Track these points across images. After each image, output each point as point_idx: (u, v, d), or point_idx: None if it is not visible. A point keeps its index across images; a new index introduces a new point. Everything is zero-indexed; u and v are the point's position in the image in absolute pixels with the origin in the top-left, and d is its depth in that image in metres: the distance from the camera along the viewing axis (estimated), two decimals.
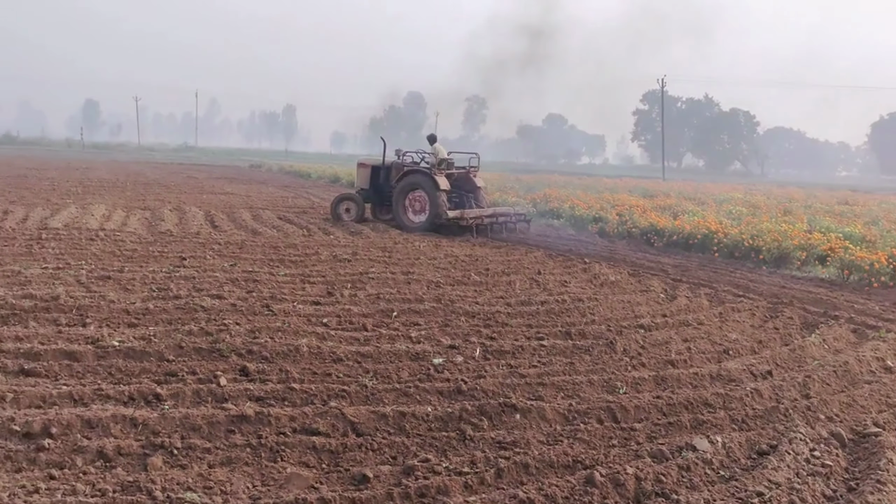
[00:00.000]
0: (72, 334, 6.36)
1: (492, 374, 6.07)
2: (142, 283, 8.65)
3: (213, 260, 10.60)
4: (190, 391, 5.17)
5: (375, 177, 17.58)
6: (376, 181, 17.56)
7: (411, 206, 16.34)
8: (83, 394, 5.01)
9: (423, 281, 9.81)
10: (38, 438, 4.27)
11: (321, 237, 14.00)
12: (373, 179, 17.59)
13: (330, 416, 4.85)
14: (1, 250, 10.32)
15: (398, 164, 17.23)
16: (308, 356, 6.16)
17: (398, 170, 17.07)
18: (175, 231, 13.57)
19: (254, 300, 7.98)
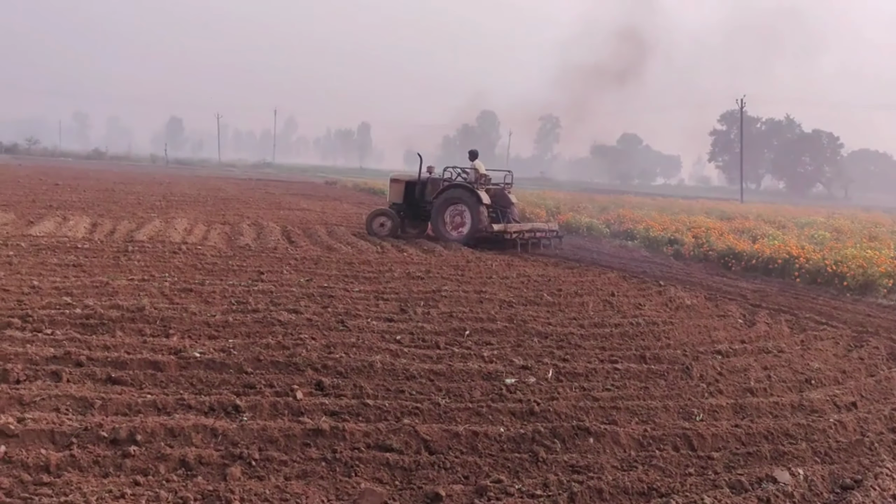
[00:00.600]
0: (156, 345, 6.58)
1: (564, 397, 6.01)
2: (221, 296, 8.89)
3: (290, 275, 10.82)
4: (267, 404, 5.28)
5: (410, 192, 17.99)
6: (411, 196, 17.96)
7: (451, 220, 16.82)
8: (166, 403, 5.18)
9: (495, 300, 9.80)
10: (124, 445, 4.43)
11: (395, 254, 14.14)
12: (407, 194, 17.97)
13: (403, 433, 4.88)
14: (90, 262, 10.76)
15: (434, 180, 17.83)
16: (382, 372, 6.22)
17: (434, 185, 17.61)
18: (253, 246, 13.92)
19: (329, 315, 8.12)
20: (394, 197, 18.19)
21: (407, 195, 17.97)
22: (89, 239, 13.33)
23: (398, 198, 18.04)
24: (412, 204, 17.98)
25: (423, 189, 17.85)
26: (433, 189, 17.55)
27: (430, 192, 17.59)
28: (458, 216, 16.72)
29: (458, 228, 16.70)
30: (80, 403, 5.06)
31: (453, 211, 16.78)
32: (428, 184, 17.84)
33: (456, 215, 16.76)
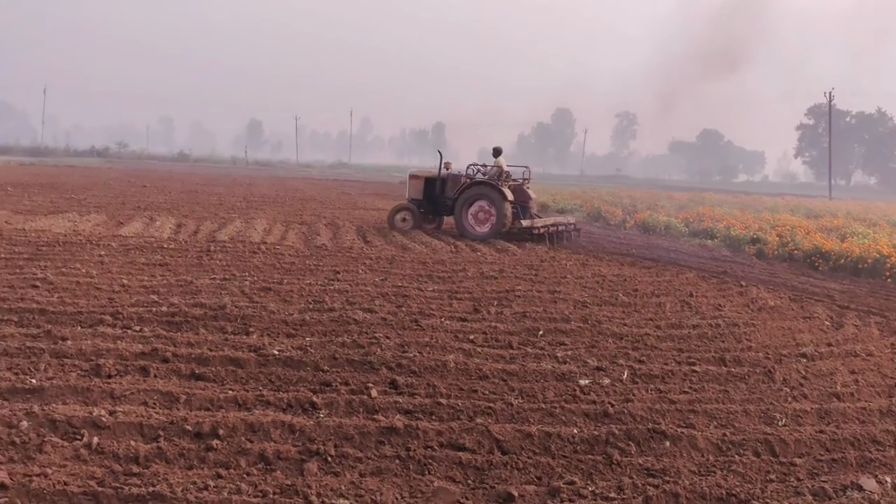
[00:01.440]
0: (236, 342, 6.79)
1: (640, 399, 5.92)
2: (299, 295, 9.10)
3: (365, 274, 10.99)
4: (343, 401, 5.38)
5: (430, 188, 18.29)
6: (431, 192, 18.26)
7: (475, 216, 17.10)
8: (246, 399, 5.34)
9: (569, 300, 9.73)
10: (207, 439, 4.59)
11: (468, 254, 14.19)
12: (427, 190, 18.28)
13: (476, 432, 4.91)
14: (175, 261, 11.17)
15: (454, 176, 18.17)
16: (455, 372, 6.26)
17: (455, 181, 17.97)
18: (329, 245, 14.18)
19: (403, 315, 8.21)
20: (413, 193, 18.56)
21: (426, 191, 18.30)
22: (174, 239, 13.82)
23: (417, 193, 18.42)
24: (432, 199, 18.34)
25: (443, 185, 18.19)
26: (453, 185, 17.92)
27: (451, 188, 17.96)
28: (482, 212, 17.04)
29: (483, 224, 17.00)
30: (167, 398, 5.27)
31: (477, 207, 17.09)
32: (448, 180, 18.18)
33: (480, 211, 17.07)
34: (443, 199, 18.15)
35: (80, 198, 22.87)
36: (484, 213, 17.02)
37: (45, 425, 4.58)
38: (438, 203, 18.34)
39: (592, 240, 18.62)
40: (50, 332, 6.67)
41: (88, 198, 23.08)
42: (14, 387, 5.22)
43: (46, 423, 4.61)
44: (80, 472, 4.07)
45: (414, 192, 18.52)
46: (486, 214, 16.99)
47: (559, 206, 30.28)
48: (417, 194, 18.42)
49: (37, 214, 16.91)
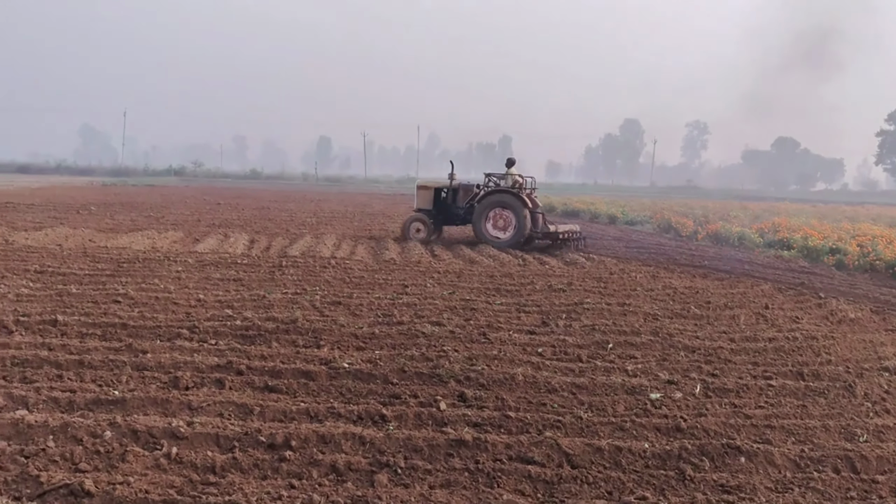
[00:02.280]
0: (308, 355, 6.91)
1: (713, 413, 5.79)
2: (368, 308, 9.22)
3: (433, 288, 11.05)
4: (412, 414, 5.43)
5: (440, 198, 18.73)
6: (443, 202, 18.71)
7: (494, 224, 17.60)
8: (318, 411, 5.44)
9: (639, 313, 9.58)
10: (280, 450, 4.70)
11: (536, 266, 14.13)
12: (437, 200, 18.68)
13: (545, 445, 4.88)
14: (249, 276, 11.45)
15: (466, 186, 18.70)
16: (523, 385, 6.24)
17: (466, 191, 18.51)
18: (398, 259, 14.32)
19: (471, 328, 8.23)
20: (421, 203, 18.87)
21: (437, 201, 18.69)
22: (247, 255, 14.18)
23: (426, 204, 18.76)
24: (443, 209, 18.72)
25: (454, 195, 18.64)
26: (465, 195, 18.47)
27: (462, 197, 18.49)
28: (502, 220, 17.54)
29: (502, 231, 17.54)
30: (241, 409, 5.40)
31: (496, 215, 17.58)
32: (460, 190, 18.65)
33: (499, 219, 17.56)
34: (455, 208, 18.60)
35: (159, 216, 23.70)
36: (503, 221, 17.54)
37: (127, 435, 4.76)
38: (450, 213, 18.76)
39: (663, 252, 18.31)
40: (131, 346, 6.93)
41: (166, 216, 23.90)
42: (98, 398, 5.44)
43: (128, 433, 4.79)
44: (160, 481, 4.21)
45: (423, 202, 18.84)
46: (505, 222, 17.52)
47: (628, 217, 29.90)
48: (427, 205, 18.76)
49: (118, 232, 17.59)
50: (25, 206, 25.13)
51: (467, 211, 18.32)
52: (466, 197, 18.45)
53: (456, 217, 18.69)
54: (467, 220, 18.43)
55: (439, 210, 18.77)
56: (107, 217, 22.27)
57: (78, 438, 4.70)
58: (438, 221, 18.88)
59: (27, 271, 10.85)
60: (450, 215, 18.79)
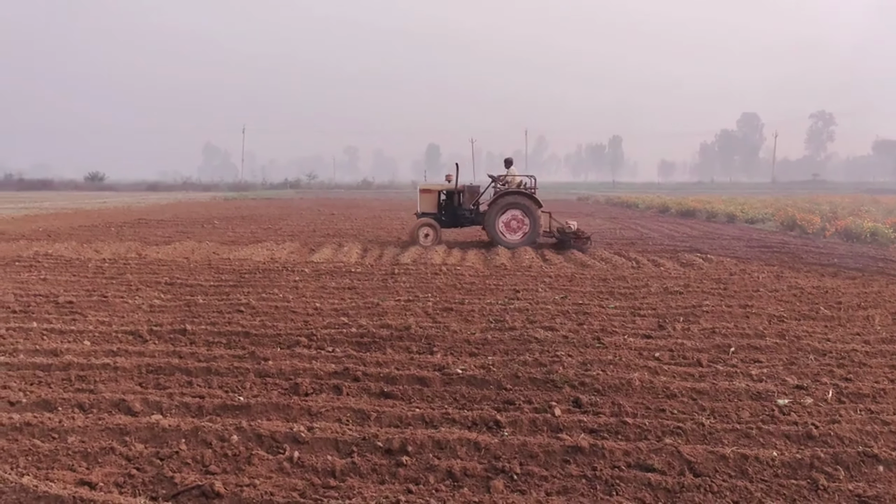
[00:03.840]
0: (422, 361, 6.99)
1: (848, 420, 5.46)
2: (480, 314, 9.23)
3: (545, 292, 10.96)
4: (526, 419, 5.38)
5: (448, 200, 18.70)
6: (449, 204, 18.67)
7: (507, 225, 17.75)
8: (433, 416, 5.48)
9: (763, 315, 9.17)
10: (397, 455, 4.76)
11: (651, 269, 13.78)
12: (443, 203, 18.70)
13: (665, 452, 4.73)
14: (363, 285, 11.70)
15: (472, 188, 18.89)
16: (640, 390, 6.08)
17: (472, 193, 18.70)
18: (508, 265, 14.28)
19: (585, 332, 8.10)
20: (426, 207, 18.74)
21: (443, 204, 18.72)
22: (361, 263, 14.49)
23: (431, 207, 18.71)
24: (449, 212, 18.68)
25: (460, 197, 18.67)
26: (471, 196, 18.64)
27: (468, 199, 18.61)
28: (516, 221, 17.71)
29: (515, 232, 17.70)
30: (359, 415, 5.52)
31: (510, 216, 17.69)
32: (466, 192, 18.73)
33: (513, 220, 17.71)
34: (461, 210, 18.61)
35: (276, 227, 24.60)
36: (517, 222, 17.70)
37: (252, 439, 4.95)
38: (456, 215, 18.69)
39: (787, 250, 17.48)
40: (254, 354, 7.21)
41: (283, 227, 24.77)
42: (225, 404, 5.69)
43: (253, 437, 4.97)
44: (284, 484, 4.35)
45: (427, 205, 18.75)
46: (518, 223, 17.69)
47: (747, 215, 28.72)
48: (431, 208, 18.71)
49: (239, 244, 18.36)
50: (155, 222, 26.65)
51: (473, 212, 18.48)
52: (472, 198, 18.64)
53: (463, 219, 18.68)
54: (475, 221, 18.53)
55: (445, 213, 18.77)
56: (229, 230, 23.30)
57: (207, 442, 4.92)
58: (444, 224, 18.80)
59: (158, 283, 11.49)
60: (456, 217, 18.74)
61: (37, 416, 5.31)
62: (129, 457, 4.70)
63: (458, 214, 18.70)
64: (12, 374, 6.47)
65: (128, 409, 5.58)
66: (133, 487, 4.30)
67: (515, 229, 17.70)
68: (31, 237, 19.58)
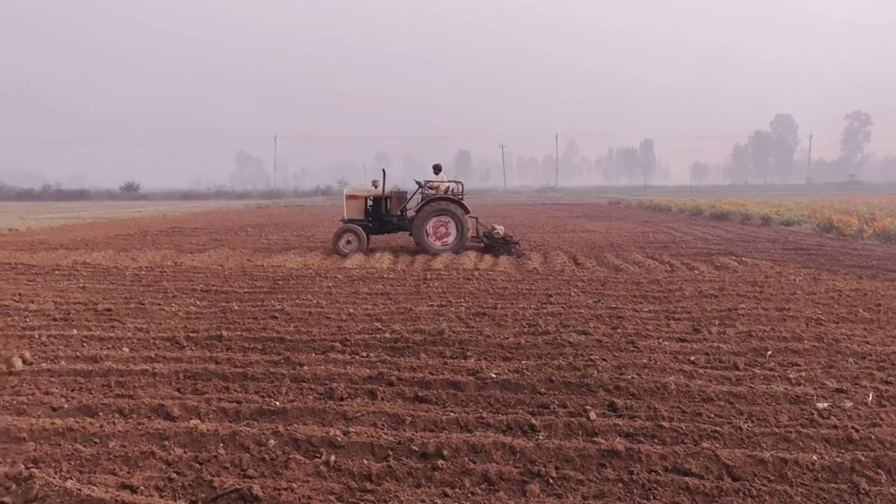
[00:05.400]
0: (455, 366, 6.99)
1: (889, 423, 5.36)
2: (513, 319, 9.22)
3: (578, 297, 10.91)
4: (561, 423, 5.37)
5: (375, 206, 18.66)
6: (376, 211, 18.63)
7: (435, 231, 17.63)
8: (467, 421, 5.48)
9: (800, 318, 9.04)
10: (432, 459, 4.78)
11: (684, 272, 13.65)
12: (371, 209, 18.61)
13: (702, 457, 4.69)
14: (395, 290, 11.75)
15: (399, 194, 18.84)
16: (676, 394, 6.03)
17: (399, 199, 18.64)
18: (541, 269, 14.25)
19: (619, 336, 8.05)
20: (352, 213, 18.59)
21: (371, 210, 18.63)
22: (393, 269, 14.55)
23: (358, 214, 18.58)
24: (377, 218, 18.65)
25: (387, 203, 18.69)
26: (398, 202, 18.61)
27: (395, 205, 18.58)
28: (443, 227, 17.64)
29: (443, 239, 17.62)
30: (393, 419, 5.54)
31: (437, 222, 17.63)
32: (393, 198, 18.70)
33: (440, 226, 17.64)
34: (388, 216, 18.58)
35: (308, 234, 24.79)
36: (444, 228, 17.65)
37: (289, 444, 5.00)
38: (383, 221, 18.66)
39: (824, 252, 17.21)
40: (289, 359, 7.28)
41: (315, 234, 24.96)
42: (261, 408, 5.75)
43: (290, 441, 5.02)
44: (321, 488, 4.39)
45: (353, 212, 18.59)
46: (446, 229, 17.64)
47: (783, 217, 28.31)
48: (358, 214, 18.57)
49: (272, 251, 18.54)
50: (190, 230, 27.01)
51: (400, 218, 18.43)
52: (399, 204, 18.62)
53: (390, 225, 18.67)
54: (402, 227, 18.48)
55: (372, 219, 18.69)
56: (262, 237, 23.54)
57: (245, 446, 4.98)
58: (371, 231, 18.76)
59: (194, 290, 11.65)
60: (383, 224, 18.71)
61: (78, 422, 5.41)
62: (168, 461, 4.77)
63: (386, 221, 18.72)
64: (54, 381, 6.60)
65: (167, 415, 5.67)
66: (173, 491, 4.37)
67: (443, 235, 17.68)
68: (69, 246, 19.96)
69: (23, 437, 5.16)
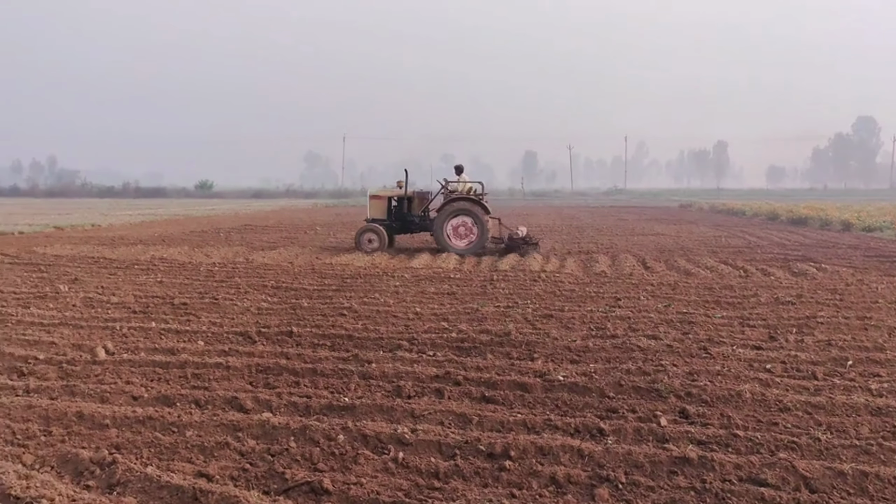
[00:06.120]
0: (522, 367, 6.96)
1: None
2: (580, 321, 9.13)
3: (647, 301, 10.74)
4: (631, 428, 5.29)
5: (398, 207, 18.84)
6: (399, 211, 18.79)
7: (455, 232, 17.67)
8: (535, 422, 5.45)
9: (883, 327, 8.70)
10: (499, 459, 4.76)
11: (759, 278, 13.28)
12: (393, 209, 18.76)
13: (779, 467, 4.55)
14: (461, 290, 11.77)
15: (421, 194, 18.98)
16: (751, 403, 5.87)
17: (422, 199, 18.78)
18: (609, 272, 14.07)
19: (690, 342, 7.89)
20: (375, 213, 18.77)
21: (390, 210, 18.75)
22: (459, 269, 14.58)
23: (380, 213, 18.75)
24: (399, 218, 18.79)
25: (409, 203, 18.84)
26: (420, 203, 18.76)
27: (418, 205, 18.74)
28: (464, 227, 17.66)
29: (463, 238, 17.67)
30: (460, 419, 5.55)
31: (459, 222, 17.64)
32: (415, 198, 18.85)
33: (460, 226, 17.67)
34: (410, 216, 18.74)
35: None
36: (465, 228, 17.66)
37: (357, 439, 5.06)
38: (405, 221, 18.81)
39: None
40: (357, 356, 7.37)
41: None
42: (331, 404, 5.83)
43: (359, 437, 5.08)
44: (389, 484, 4.43)
45: (376, 212, 18.77)
46: (466, 229, 17.65)
47: (864, 223, 27.30)
48: (380, 214, 18.74)
49: (340, 250, 18.79)
50: (261, 228, 27.61)
51: (423, 219, 18.56)
52: (422, 205, 18.74)
53: (412, 225, 18.81)
54: (424, 227, 18.61)
55: (394, 219, 18.82)
56: (330, 236, 23.88)
57: (315, 440, 5.06)
58: (393, 230, 18.94)
59: (265, 287, 11.90)
60: (405, 224, 18.86)
61: (157, 411, 5.60)
62: (242, 452, 4.89)
63: (408, 221, 18.86)
64: (134, 371, 6.84)
65: (240, 407, 5.81)
66: (247, 481, 4.47)
67: (463, 235, 17.73)
68: (147, 242, 20.65)
69: (106, 424, 5.37)
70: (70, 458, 4.66)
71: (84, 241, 20.54)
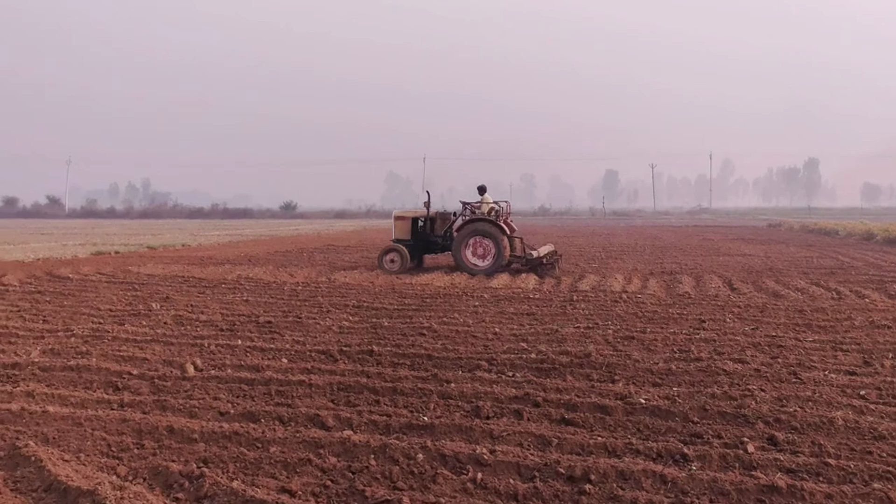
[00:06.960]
0: (602, 389, 6.87)
1: None
2: (663, 344, 8.95)
3: (733, 323, 10.44)
4: (716, 455, 5.14)
5: (422, 227, 19.09)
6: (422, 231, 19.07)
7: (474, 252, 17.81)
8: (615, 446, 5.37)
9: None
10: (579, 482, 4.71)
11: (853, 300, 12.74)
12: (415, 230, 18.96)
13: (873, 498, 4.35)
14: (541, 310, 11.70)
15: (443, 214, 19.23)
16: (844, 430, 5.63)
17: (444, 220, 19.05)
18: (693, 293, 13.75)
19: (779, 366, 7.63)
20: (399, 234, 19.08)
21: (414, 231, 18.95)
22: (539, 290, 14.50)
23: (404, 234, 19.00)
24: (422, 238, 19.10)
25: (432, 224, 19.14)
26: (442, 223, 19.04)
27: (440, 226, 19.06)
28: (482, 247, 17.80)
29: (482, 259, 17.78)
30: (539, 440, 5.51)
31: (476, 243, 17.81)
32: (437, 219, 19.15)
33: (479, 247, 17.81)
34: (433, 237, 19.08)
35: None
36: (483, 248, 17.81)
37: (436, 458, 5.09)
38: (429, 242, 19.19)
39: None
40: (436, 376, 7.41)
41: None
42: (410, 423, 5.89)
43: (438, 456, 5.11)
44: None
45: (400, 233, 19.07)
46: (484, 249, 17.78)
47: None
48: (405, 235, 18.99)
49: (419, 270, 18.96)
50: (343, 248, 28.12)
51: (445, 239, 18.87)
52: (444, 225, 19.07)
53: (435, 245, 19.21)
54: (446, 248, 18.91)
55: (418, 239, 19.10)
56: None
57: (395, 459, 5.11)
58: (418, 251, 19.27)
59: (347, 306, 12.11)
60: (428, 244, 19.26)
61: (243, 426, 5.76)
62: (324, 468, 4.98)
63: (431, 241, 19.15)
64: (221, 387, 7.06)
65: (322, 424, 5.92)
66: (328, 498, 4.55)
67: (482, 255, 17.86)
68: (234, 262, 21.31)
69: (194, 438, 5.56)
70: (161, 471, 4.85)
71: (175, 261, 21.35)
